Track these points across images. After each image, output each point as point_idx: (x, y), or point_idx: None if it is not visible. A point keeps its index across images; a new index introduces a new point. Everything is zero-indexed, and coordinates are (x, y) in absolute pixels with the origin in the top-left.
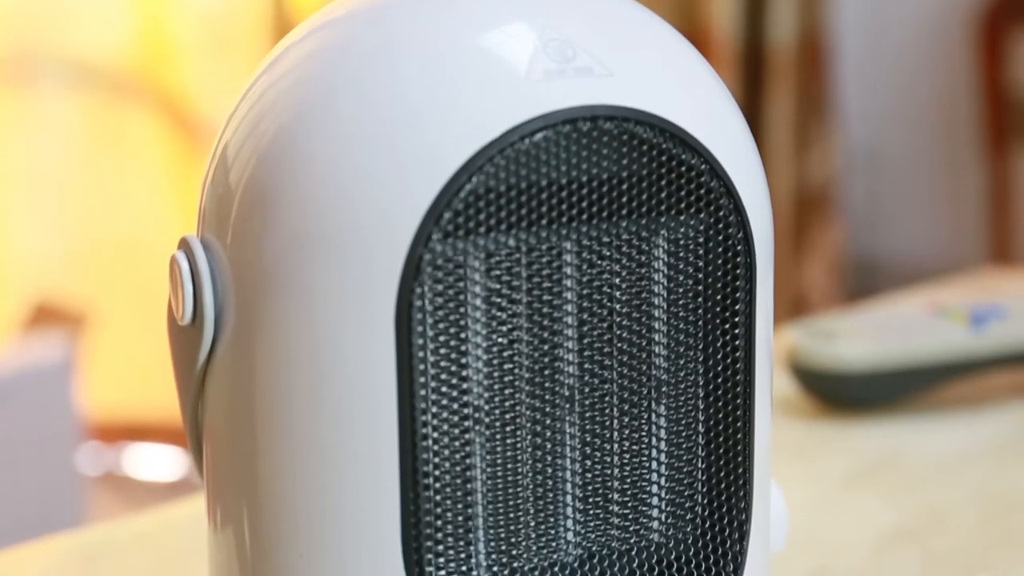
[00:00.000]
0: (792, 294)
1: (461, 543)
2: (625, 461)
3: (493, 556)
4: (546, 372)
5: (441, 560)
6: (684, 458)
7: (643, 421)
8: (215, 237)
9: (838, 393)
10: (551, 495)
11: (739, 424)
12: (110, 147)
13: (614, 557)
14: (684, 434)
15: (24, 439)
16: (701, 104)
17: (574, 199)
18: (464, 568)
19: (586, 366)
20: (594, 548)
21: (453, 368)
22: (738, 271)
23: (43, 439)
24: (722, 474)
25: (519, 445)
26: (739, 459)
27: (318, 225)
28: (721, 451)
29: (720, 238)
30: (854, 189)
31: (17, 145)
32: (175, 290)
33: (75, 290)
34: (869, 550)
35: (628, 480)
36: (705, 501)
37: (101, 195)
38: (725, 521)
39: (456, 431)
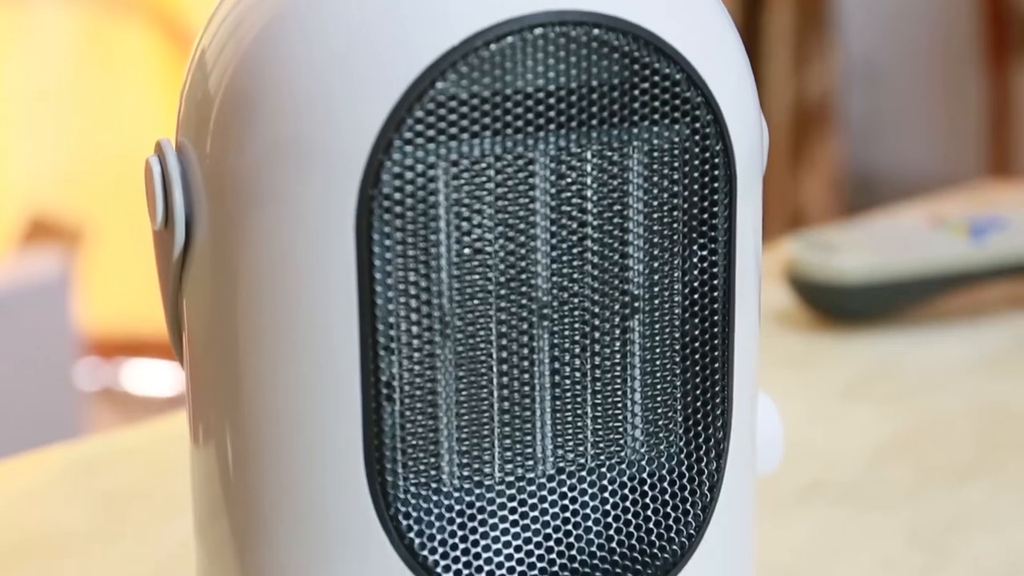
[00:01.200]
0: (790, 209)
1: (426, 456)
2: (597, 377)
3: (460, 471)
4: (515, 285)
5: (404, 473)
6: (659, 375)
7: (617, 336)
8: (192, 143)
9: (836, 305)
10: (521, 410)
11: (717, 341)
12: (104, 61)
13: (586, 474)
14: (659, 350)
15: (21, 355)
16: (681, 11)
17: (542, 108)
18: (430, 482)
19: (557, 280)
20: (566, 465)
21: (414, 278)
22: (716, 184)
23: (40, 355)
24: (698, 392)
25: (487, 359)
26: (717, 377)
27: (294, 131)
28: (697, 368)
29: (697, 150)
30: (853, 104)
31: (11, 61)
32: (148, 194)
33: (71, 205)
34: (865, 461)
35: (601, 396)
36: (680, 419)
37: (96, 109)
38: (701, 439)
39: (419, 343)
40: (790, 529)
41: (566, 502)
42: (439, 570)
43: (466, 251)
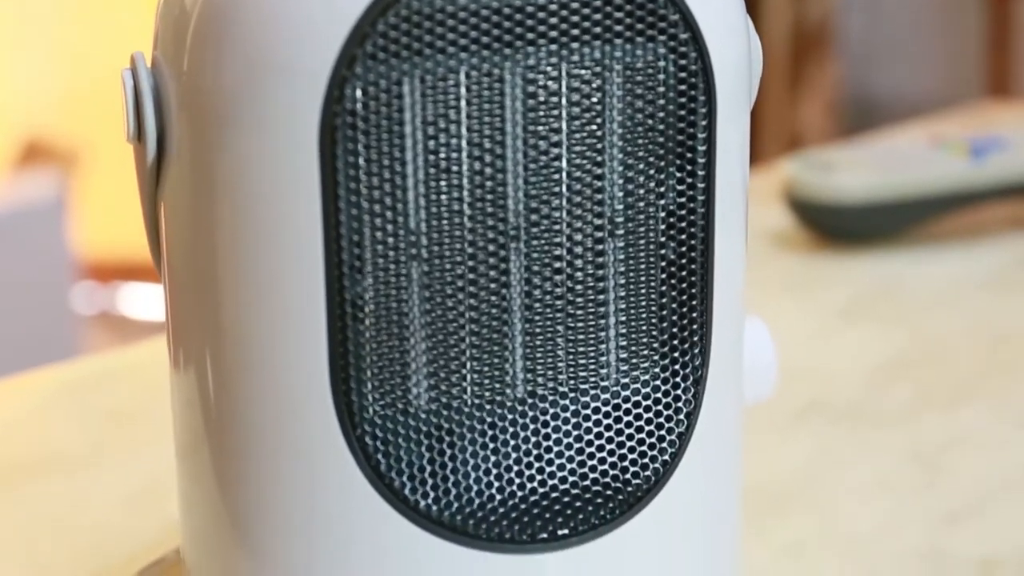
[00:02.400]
0: (788, 133)
1: (394, 378)
2: (572, 300)
3: (430, 393)
4: (486, 206)
5: (372, 395)
6: (635, 299)
7: (592, 259)
8: (167, 60)
9: (835, 225)
10: (493, 333)
11: (695, 266)
12: None
13: (559, 398)
14: (636, 274)
15: (18, 278)
16: None
17: (512, 23)
18: (398, 403)
19: (530, 201)
20: (539, 389)
21: (380, 197)
22: (695, 106)
23: (37, 278)
24: (675, 317)
25: (458, 280)
26: (694, 302)
27: (264, 47)
28: (675, 293)
29: (674, 69)
30: (852, 26)
31: None
32: (123, 106)
33: (67, 128)
34: (864, 381)
35: (576, 319)
36: (657, 345)
37: (92, 31)
38: (678, 365)
39: (387, 263)
40: (789, 449)
41: (539, 426)
42: (407, 492)
43: (434, 170)
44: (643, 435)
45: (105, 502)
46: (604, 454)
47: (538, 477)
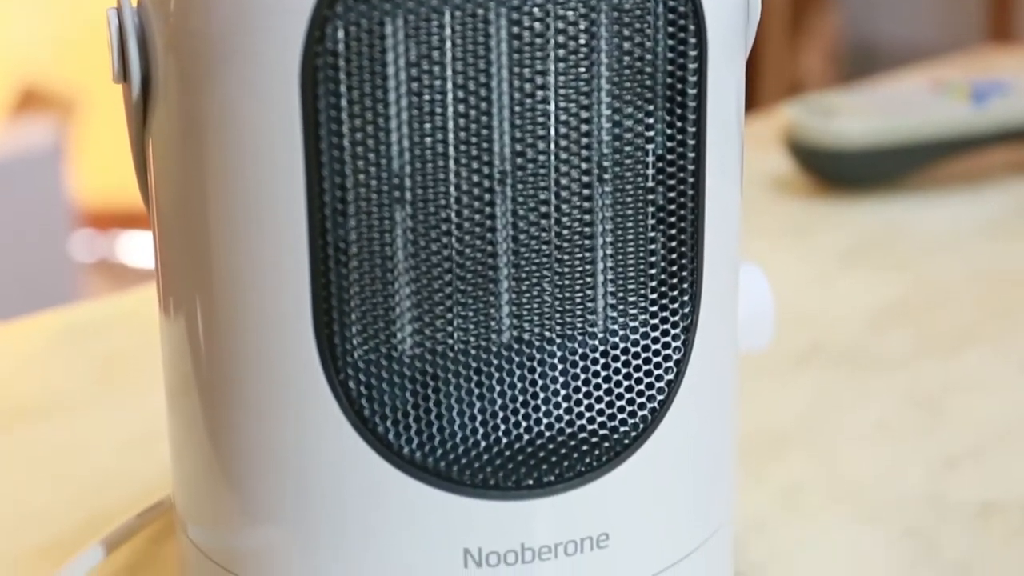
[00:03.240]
0: (788, 80)
1: (377, 322)
2: (560, 245)
3: (415, 338)
4: (473, 148)
5: (355, 339)
6: (625, 244)
7: (580, 204)
8: (154, 1)
9: (836, 170)
10: (480, 278)
11: (685, 212)
12: None
13: (547, 344)
14: (625, 219)
15: (15, 226)
16: None
17: None
18: (382, 349)
19: (517, 143)
20: (527, 335)
21: (363, 139)
22: (685, 48)
23: (35, 226)
24: (664, 263)
25: (444, 224)
26: (684, 249)
27: None
28: (664, 239)
29: (662, 10)
30: None
31: None
32: (109, 45)
33: (63, 74)
34: (864, 326)
35: (564, 264)
36: (646, 291)
37: None
38: (668, 312)
39: (370, 206)
40: (789, 394)
41: (525, 372)
42: (391, 438)
43: (418, 113)
44: (632, 382)
45: (104, 446)
46: (592, 401)
47: (524, 423)
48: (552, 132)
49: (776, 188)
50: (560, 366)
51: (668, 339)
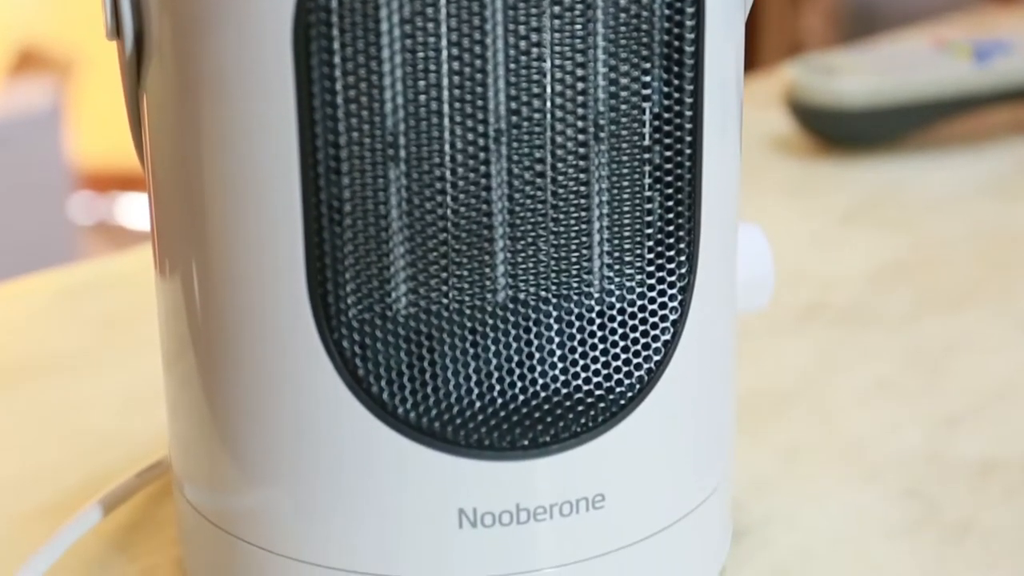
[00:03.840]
0: (789, 41)
1: (372, 281)
2: (556, 204)
3: (410, 298)
4: (468, 106)
5: (350, 299)
6: (621, 204)
7: (576, 163)
8: None
9: (837, 130)
10: (475, 237)
11: (682, 171)
12: None
13: (543, 304)
14: (622, 178)
15: (14, 188)
16: None
17: None
18: (377, 309)
19: (514, 104)
20: (523, 294)
21: (356, 97)
22: (682, 4)
23: (33, 188)
24: (661, 223)
25: (439, 183)
26: (681, 208)
27: None
28: (661, 198)
29: None
30: None
31: None
32: (102, 1)
33: (62, 36)
34: (865, 285)
35: (560, 223)
36: (643, 251)
37: None
38: (665, 272)
39: (365, 165)
40: (789, 353)
41: (521, 332)
42: (386, 398)
43: (412, 70)
44: (628, 343)
45: (103, 405)
46: (588, 361)
47: (520, 384)
48: (548, 90)
49: (777, 148)
50: (556, 326)
51: (665, 299)
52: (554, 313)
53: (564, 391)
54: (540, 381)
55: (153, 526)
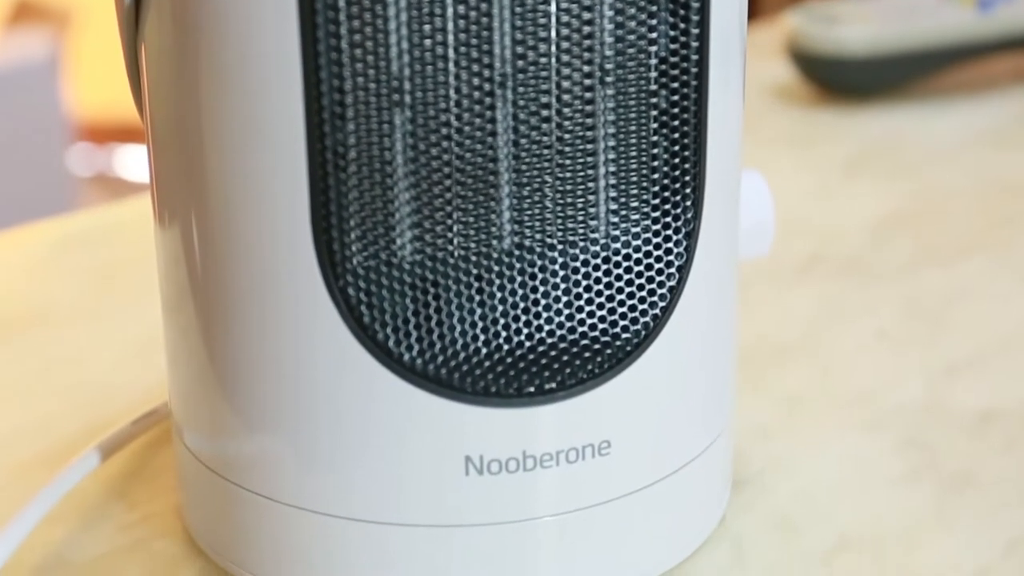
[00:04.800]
0: None
1: (377, 228)
2: (561, 150)
3: (415, 245)
4: (473, 50)
5: (355, 246)
6: (627, 149)
7: (582, 107)
8: None
9: (839, 79)
10: (480, 183)
11: (688, 116)
12: None
13: (548, 250)
14: (627, 123)
15: (12, 139)
16: None
17: None
18: (382, 256)
19: (519, 45)
20: (528, 241)
21: (361, 40)
22: None
23: (32, 139)
24: (667, 168)
25: (444, 128)
26: (687, 153)
27: None
28: (667, 143)
29: None
30: None
31: None
32: None
33: None
34: (866, 236)
35: (565, 169)
36: (648, 196)
37: None
38: (670, 218)
39: (369, 110)
40: (790, 303)
41: (527, 279)
42: (391, 345)
43: (417, 13)
44: (634, 288)
45: (102, 355)
46: (594, 307)
47: (525, 330)
48: (553, 34)
49: (778, 97)
50: (561, 272)
51: (670, 245)
52: (559, 259)
53: (570, 337)
54: (546, 328)
55: (152, 474)
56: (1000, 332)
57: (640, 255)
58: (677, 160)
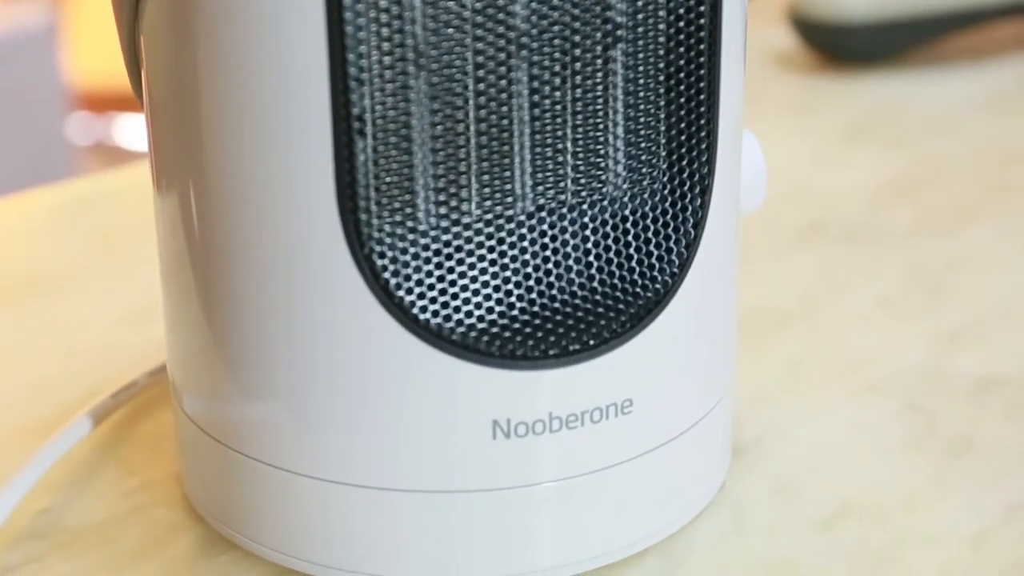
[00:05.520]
0: None
1: (400, 193)
2: (578, 111)
3: (436, 209)
4: (492, 13)
5: (378, 211)
6: (642, 108)
7: (599, 68)
8: None
9: (840, 45)
10: (499, 145)
11: (703, 72)
12: None
13: (566, 211)
14: (643, 82)
15: (10, 108)
16: None
17: None
18: (404, 220)
19: (536, 8)
20: (546, 202)
21: (385, 5)
22: None
23: (30, 108)
24: (683, 125)
25: (463, 91)
26: (702, 110)
27: None
28: (683, 100)
29: None
30: None
31: None
32: None
33: None
34: (867, 203)
35: (582, 130)
36: (664, 154)
37: None
38: (686, 175)
39: (392, 74)
40: (790, 270)
41: (546, 240)
42: (415, 311)
43: None
44: (651, 247)
45: (99, 320)
46: (614, 267)
47: (548, 292)
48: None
49: (779, 63)
50: (581, 233)
51: (686, 202)
52: (579, 220)
53: (593, 298)
54: (568, 289)
55: (151, 440)
56: (1000, 299)
57: (657, 212)
58: (692, 116)
